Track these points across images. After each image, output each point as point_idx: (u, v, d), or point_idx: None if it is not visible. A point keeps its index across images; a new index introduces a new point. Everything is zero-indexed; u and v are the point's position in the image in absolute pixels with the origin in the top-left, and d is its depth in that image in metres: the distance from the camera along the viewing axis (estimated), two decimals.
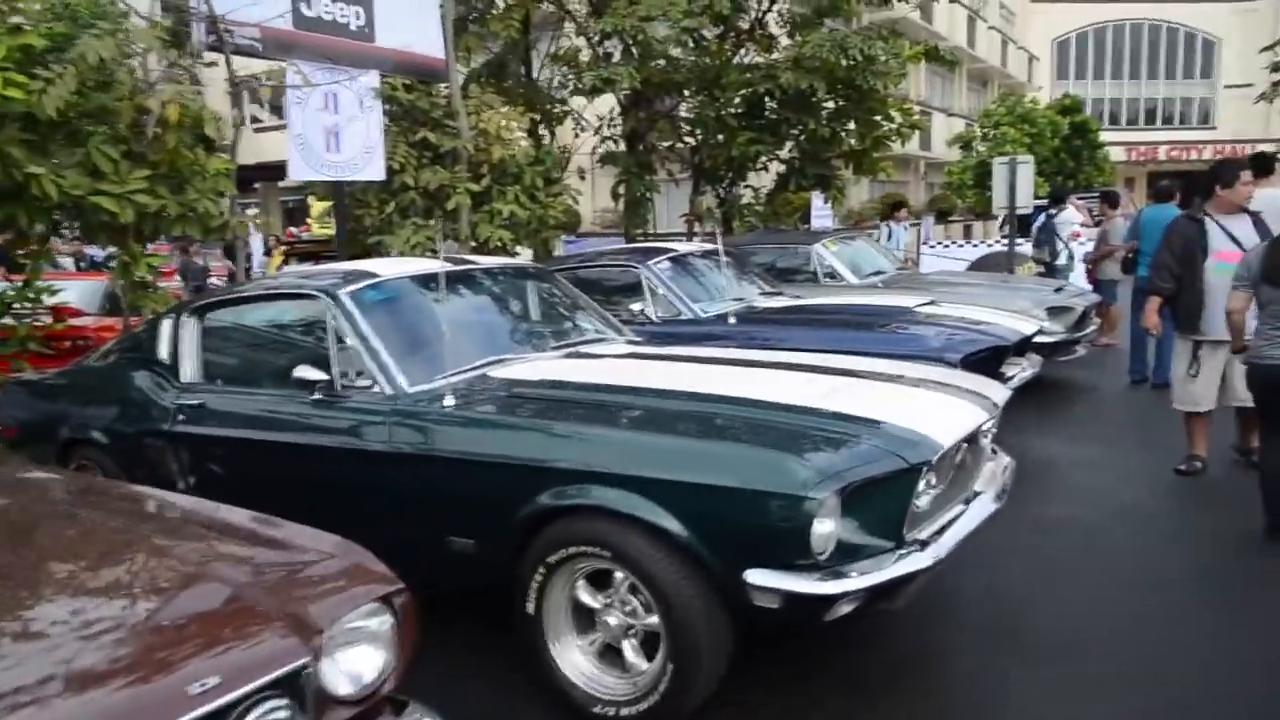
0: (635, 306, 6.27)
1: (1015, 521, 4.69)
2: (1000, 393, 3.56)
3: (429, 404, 3.39)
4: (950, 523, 2.93)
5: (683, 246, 6.99)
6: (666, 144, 11.88)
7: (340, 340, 3.67)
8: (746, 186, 12.50)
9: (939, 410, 3.12)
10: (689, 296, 6.33)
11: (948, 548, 2.77)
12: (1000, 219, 18.04)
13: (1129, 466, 5.79)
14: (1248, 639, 3.48)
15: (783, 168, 12.26)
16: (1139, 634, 3.51)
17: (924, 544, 2.76)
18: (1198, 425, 5.41)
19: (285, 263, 11.33)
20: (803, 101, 10.91)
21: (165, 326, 4.41)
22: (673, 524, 2.68)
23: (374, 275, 3.97)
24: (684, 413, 3.01)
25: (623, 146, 12.44)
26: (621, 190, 11.97)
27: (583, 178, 12.32)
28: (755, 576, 2.59)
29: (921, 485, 2.76)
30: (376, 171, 8.77)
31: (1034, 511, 4.91)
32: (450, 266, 4.32)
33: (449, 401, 3.33)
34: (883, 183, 27.17)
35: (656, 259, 6.52)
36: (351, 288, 3.80)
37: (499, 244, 9.25)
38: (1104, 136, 28.92)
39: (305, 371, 3.57)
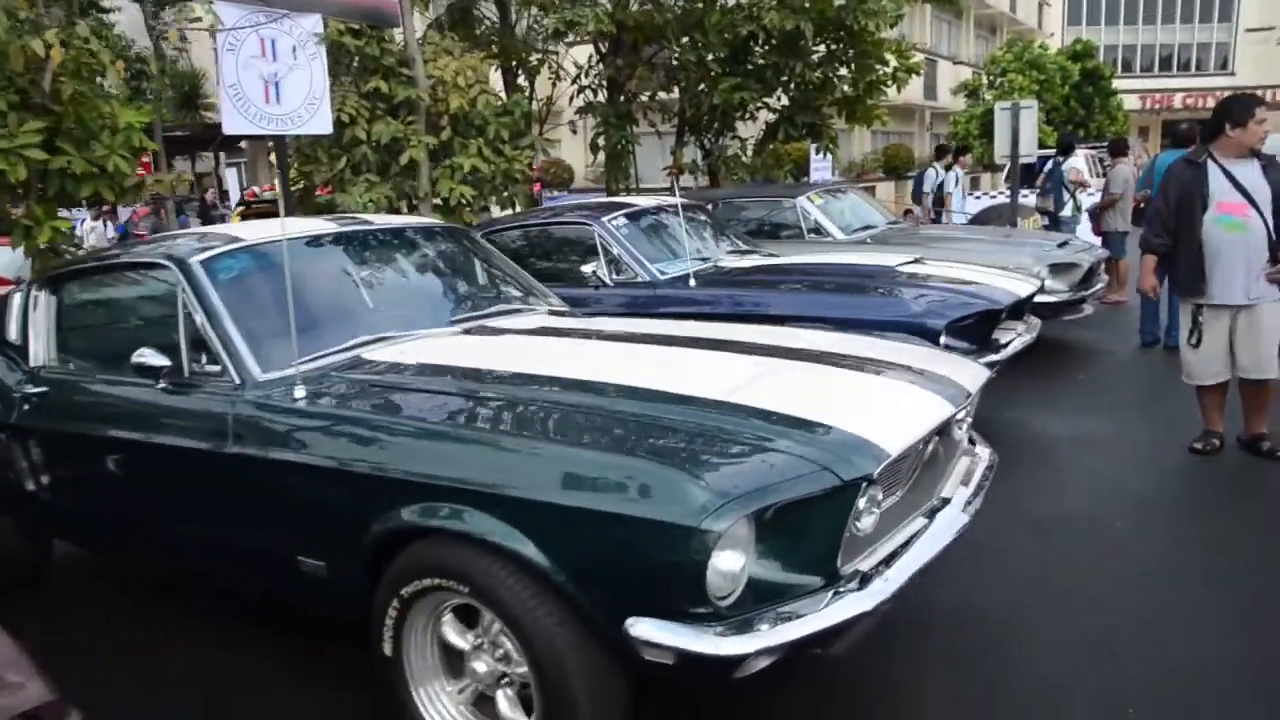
0: (587, 268, 5.63)
1: (1005, 518, 4.08)
2: (975, 376, 2.92)
3: (278, 395, 2.78)
4: (905, 545, 2.32)
5: (643, 201, 6.33)
6: (648, 93, 11.11)
7: (190, 317, 3.07)
8: (734, 137, 11.75)
9: (891, 405, 2.48)
10: (646, 257, 5.68)
11: (896, 585, 2.15)
12: (1005, 169, 17.33)
13: (1139, 445, 5.15)
14: None
15: (772, 117, 11.50)
16: (1147, 676, 2.89)
17: (866, 578, 2.15)
18: (1210, 399, 4.76)
19: (243, 221, 10.69)
20: (790, 45, 10.15)
21: (15, 302, 3.81)
22: (539, 556, 2.08)
23: (235, 240, 3.34)
24: (566, 410, 2.39)
25: (603, 96, 11.73)
26: (601, 142, 11.25)
27: (574, 131, 11.62)
28: (641, 629, 1.98)
29: (862, 503, 2.15)
30: (322, 124, 8.10)
31: (1027, 505, 4.30)
32: (336, 227, 3.70)
33: (299, 393, 2.73)
34: (886, 133, 26.31)
35: (612, 215, 5.87)
36: (204, 255, 3.19)
37: (461, 200, 8.61)
38: (1118, 85, 27.87)
39: (147, 356, 2.97)
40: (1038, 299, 6.98)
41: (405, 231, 3.92)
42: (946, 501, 2.58)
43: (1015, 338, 5.18)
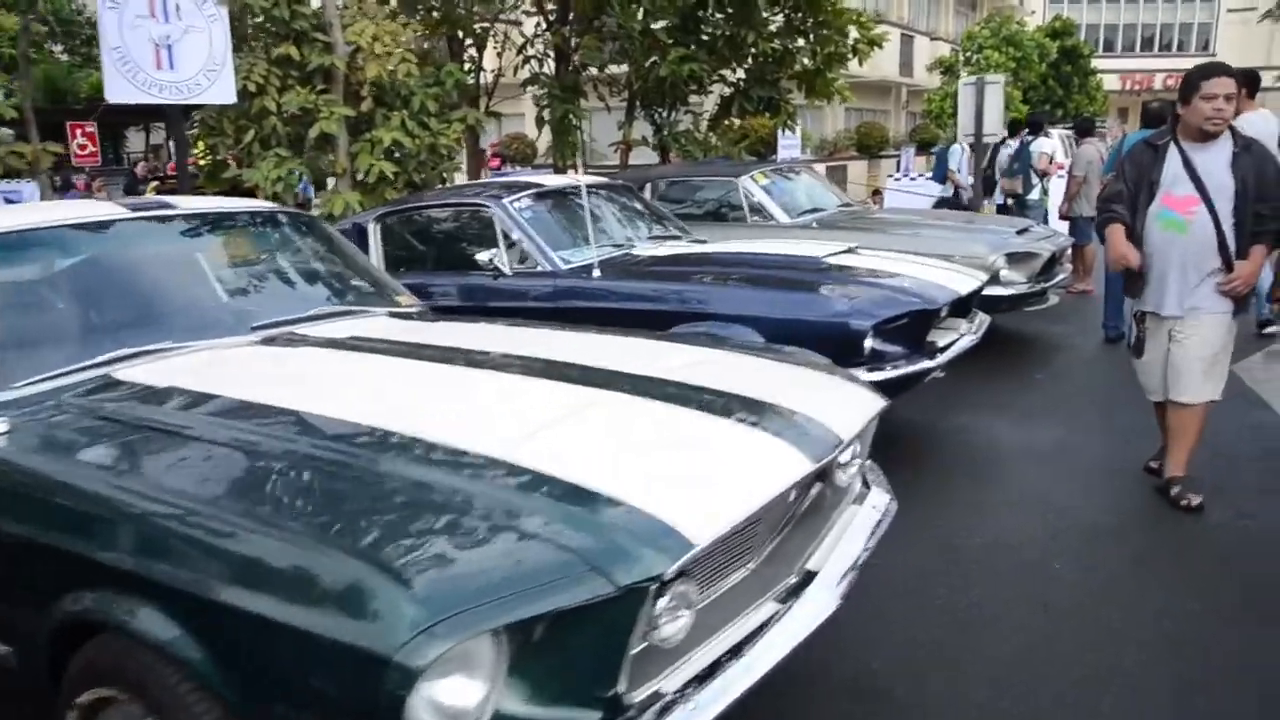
0: (484, 255, 5.03)
1: (927, 552, 3.54)
2: (862, 411, 2.34)
3: None
4: (736, 649, 1.74)
5: (553, 180, 5.71)
6: (595, 64, 10.44)
7: None
8: (687, 112, 11.12)
9: (725, 464, 1.88)
10: (550, 243, 5.07)
11: (710, 715, 1.58)
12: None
13: (1091, 459, 4.61)
14: None
15: (728, 90, 10.88)
16: None
17: (667, 707, 1.58)
18: (1161, 415, 4.17)
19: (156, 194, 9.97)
20: (744, 13, 9.52)
21: None
22: (210, 669, 1.51)
23: None
24: (289, 467, 1.80)
25: (550, 68, 11.07)
26: (546, 116, 10.60)
27: (538, 105, 10.95)
28: None
29: (661, 606, 1.58)
30: (224, 93, 7.41)
31: (956, 532, 3.75)
32: (125, 213, 3.08)
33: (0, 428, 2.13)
34: (860, 110, 25.66)
35: (514, 196, 5.25)
36: None
37: (382, 176, 7.96)
38: (1098, 64, 27.32)
39: None
40: (993, 291, 6.50)
41: (222, 218, 3.30)
42: (812, 577, 1.99)
43: (957, 339, 4.61)
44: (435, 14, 11.12)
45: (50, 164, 7.93)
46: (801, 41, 10.23)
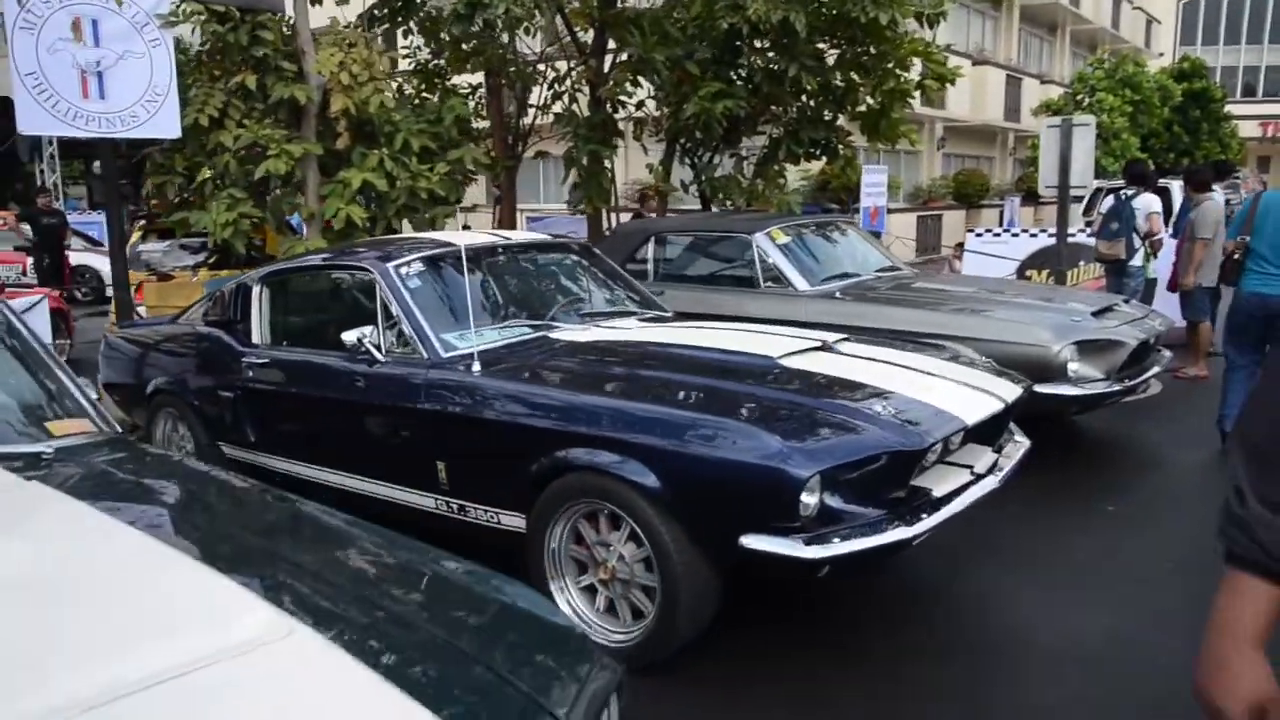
0: (350, 336, 3.88)
1: None
2: None
3: None
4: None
5: (464, 238, 4.52)
6: (625, 98, 9.31)
7: None
8: (731, 155, 9.86)
9: None
10: (436, 322, 3.88)
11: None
12: (1084, 201, 14.86)
13: (1161, 673, 3.10)
14: None
15: (778, 131, 9.57)
16: None
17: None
18: None
19: (142, 239, 9.27)
20: (786, 43, 8.24)
21: None
22: None
23: None
24: None
25: (582, 105, 10.00)
26: (583, 158, 9.47)
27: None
28: None
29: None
30: (167, 126, 6.53)
31: None
32: None
33: None
34: (960, 157, 23.87)
35: (403, 260, 4.08)
36: None
37: (351, 223, 6.95)
38: (1235, 110, 24.82)
39: None
40: (1059, 390, 5.00)
41: None
42: None
43: (965, 485, 3.16)
44: (465, 47, 10.23)
45: None
46: (856, 76, 8.86)
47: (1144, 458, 5.80)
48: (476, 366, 3.59)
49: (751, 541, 2.76)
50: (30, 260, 12.84)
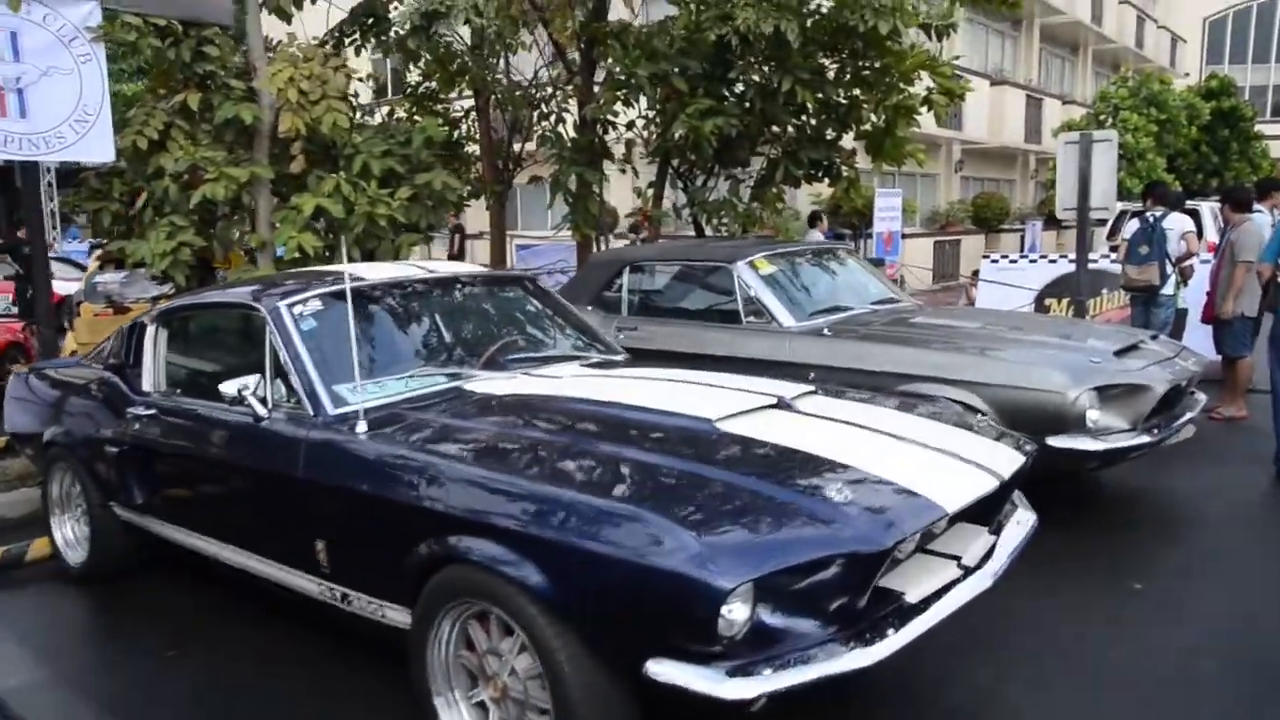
0: (230, 387, 3.28)
1: None
2: None
3: None
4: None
5: (380, 271, 3.91)
6: (610, 117, 8.74)
7: None
8: (727, 177, 9.24)
9: None
10: (327, 372, 3.27)
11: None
12: (1109, 222, 14.07)
13: None
14: None
15: (776, 151, 8.94)
16: None
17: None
18: None
19: (101, 268, 8.76)
20: (778, 56, 7.65)
21: None
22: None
23: None
24: None
25: (569, 127, 9.46)
26: (571, 182, 8.88)
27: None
28: None
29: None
30: (99, 149, 5.99)
31: None
32: None
33: None
34: (980, 180, 23.15)
35: (296, 297, 3.49)
36: None
37: (302, 253, 6.38)
38: (1266, 129, 23.90)
39: None
40: (1076, 444, 4.32)
41: None
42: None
43: (949, 584, 2.49)
44: (451, 68, 9.74)
45: None
46: (859, 92, 8.23)
47: (1175, 515, 5.08)
48: (361, 426, 2.98)
49: (659, 669, 2.12)
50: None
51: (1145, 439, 4.45)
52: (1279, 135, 28.62)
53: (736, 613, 2.08)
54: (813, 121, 8.63)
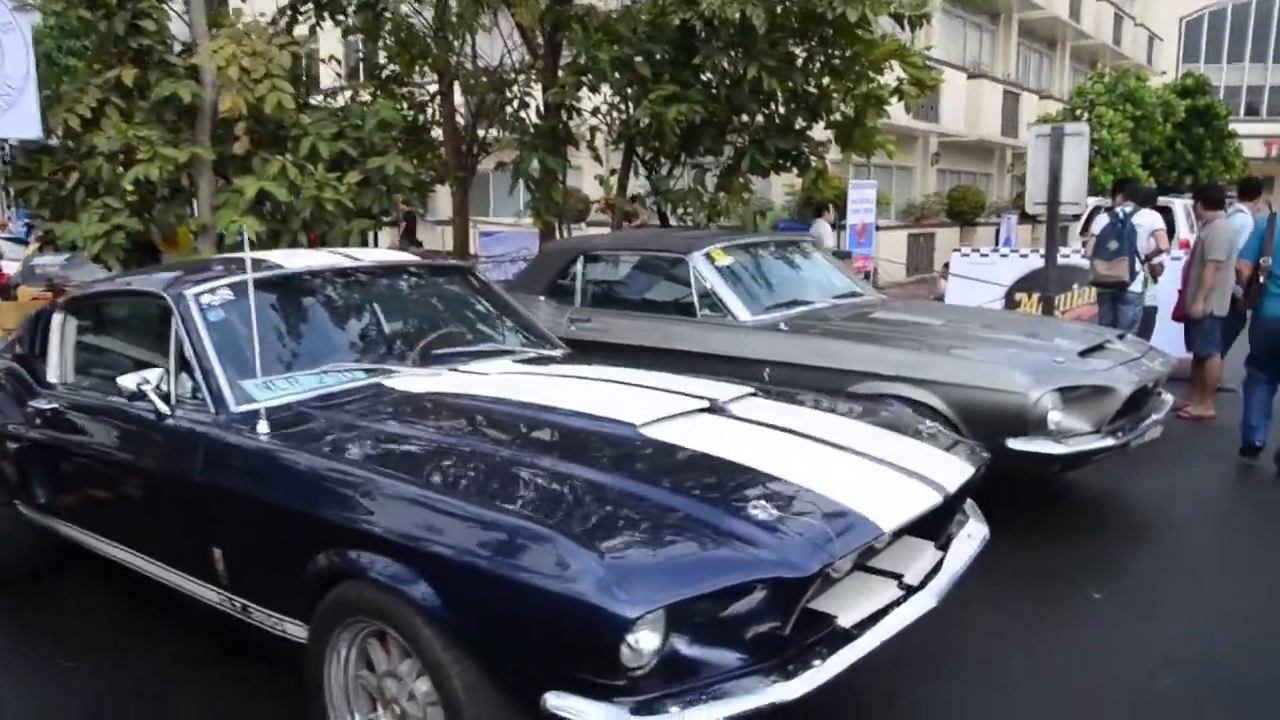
0: (129, 381, 3.03)
1: None
2: None
3: None
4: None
5: (300, 257, 3.67)
6: (571, 102, 8.49)
7: None
8: (694, 166, 9.02)
9: None
10: (231, 367, 3.03)
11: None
12: (1083, 217, 13.97)
13: None
14: None
15: (743, 140, 8.72)
16: None
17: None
18: None
19: (40, 250, 8.44)
20: (744, 42, 7.42)
21: None
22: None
23: None
24: None
25: (534, 113, 9.21)
26: (533, 168, 8.63)
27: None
28: None
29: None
30: (23, 125, 5.72)
31: None
32: None
33: None
34: (956, 173, 23.06)
35: (205, 286, 3.24)
36: None
37: (251, 238, 6.09)
38: (1239, 129, 23.95)
39: None
40: (1038, 448, 4.15)
41: None
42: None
43: (887, 606, 2.30)
44: (413, 50, 9.46)
45: None
46: (828, 81, 8.03)
47: (1139, 519, 4.93)
48: (263, 426, 2.74)
49: (558, 702, 1.91)
50: None
51: (1109, 442, 4.29)
52: (1251, 135, 28.79)
53: (644, 642, 1.87)
54: (781, 110, 8.42)
